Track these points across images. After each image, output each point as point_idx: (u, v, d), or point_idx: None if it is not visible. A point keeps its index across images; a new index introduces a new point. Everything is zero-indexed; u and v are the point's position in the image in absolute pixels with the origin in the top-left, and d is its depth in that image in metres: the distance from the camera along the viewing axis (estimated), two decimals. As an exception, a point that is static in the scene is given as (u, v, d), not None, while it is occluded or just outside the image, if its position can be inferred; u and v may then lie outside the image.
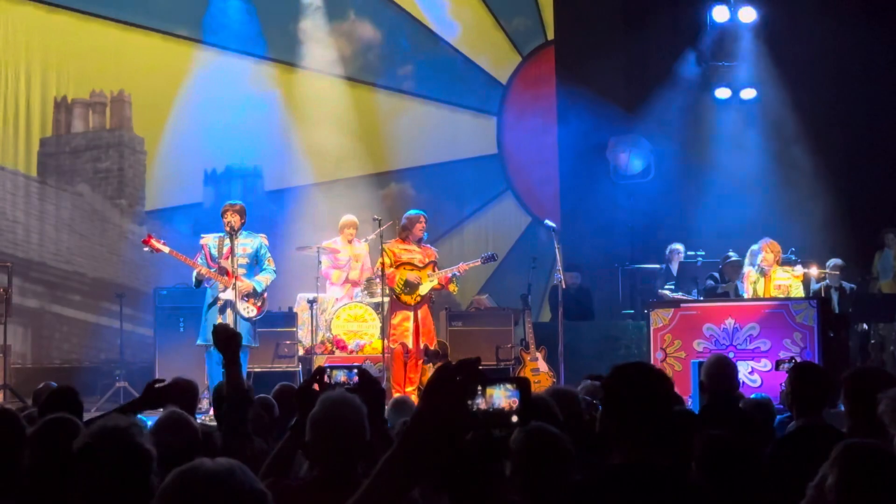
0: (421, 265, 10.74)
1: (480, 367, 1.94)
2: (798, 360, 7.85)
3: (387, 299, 10.72)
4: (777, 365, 8.35)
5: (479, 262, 11.12)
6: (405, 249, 10.76)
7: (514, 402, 1.92)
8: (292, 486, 3.56)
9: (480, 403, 1.91)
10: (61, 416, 3.99)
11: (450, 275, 10.81)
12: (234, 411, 4.29)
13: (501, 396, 1.91)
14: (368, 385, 3.88)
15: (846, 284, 13.19)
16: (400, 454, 1.88)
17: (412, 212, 11.03)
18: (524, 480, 3.42)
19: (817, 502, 3.60)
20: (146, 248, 10.03)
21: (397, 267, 10.63)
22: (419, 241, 10.85)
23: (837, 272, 12.91)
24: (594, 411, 4.67)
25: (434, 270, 10.75)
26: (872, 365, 8.26)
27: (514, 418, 1.91)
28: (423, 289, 10.68)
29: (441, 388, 1.90)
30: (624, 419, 3.21)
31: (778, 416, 6.10)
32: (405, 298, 10.65)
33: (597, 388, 5.25)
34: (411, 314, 10.67)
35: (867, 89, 15.03)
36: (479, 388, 1.91)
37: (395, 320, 10.69)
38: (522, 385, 1.92)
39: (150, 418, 5.01)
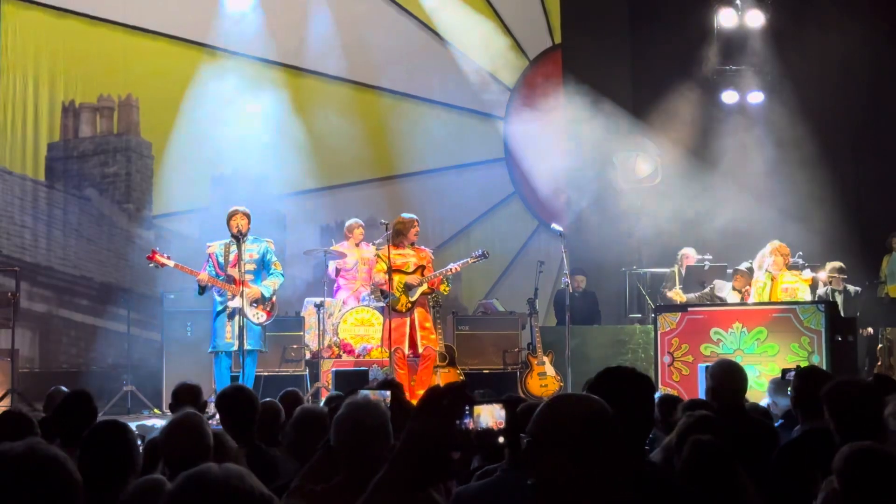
0: (411, 270, 10.73)
1: (468, 389, 1.99)
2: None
3: (385, 305, 10.74)
4: (783, 374, 8.35)
5: (470, 261, 11.00)
6: (399, 254, 10.76)
7: (501, 423, 1.96)
8: (317, 491, 3.57)
9: (468, 423, 1.95)
10: (113, 420, 4.06)
11: (440, 277, 10.78)
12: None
13: (489, 417, 1.95)
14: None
15: (851, 288, 13.17)
16: (391, 473, 1.92)
17: (404, 216, 10.97)
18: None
19: None
20: (151, 264, 10.08)
21: (392, 272, 10.64)
22: (412, 245, 10.85)
23: (841, 276, 12.90)
24: None
25: (423, 274, 10.72)
26: (848, 377, 8.24)
27: (501, 438, 1.96)
28: (413, 295, 10.67)
29: (430, 409, 1.93)
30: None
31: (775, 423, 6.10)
32: (396, 306, 10.66)
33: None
34: (406, 319, 10.69)
35: (875, 92, 15.03)
36: (467, 408, 1.95)
37: (393, 325, 10.72)
38: (509, 406, 1.96)
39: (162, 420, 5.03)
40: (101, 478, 3.81)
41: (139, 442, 4.24)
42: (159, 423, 8.16)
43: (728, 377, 5.49)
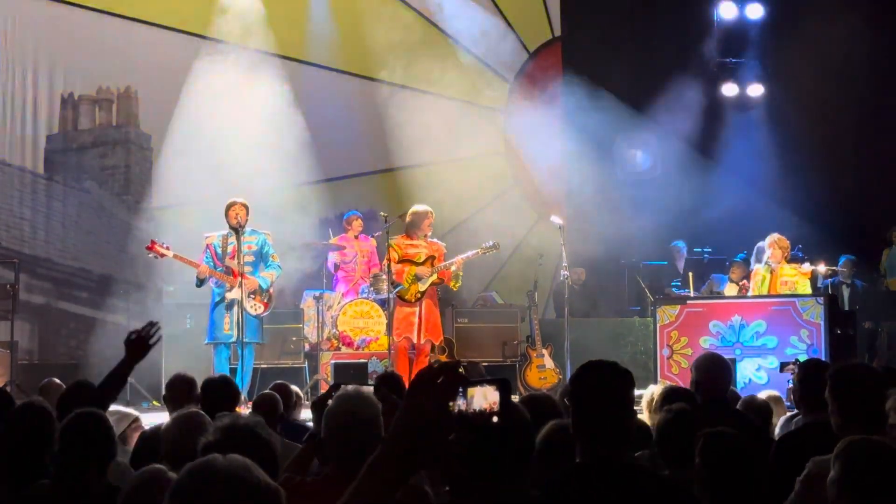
0: (422, 261, 10.68)
1: (462, 370, 1.98)
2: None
3: (393, 295, 10.70)
4: (782, 367, 8.37)
5: (480, 252, 10.91)
6: (410, 244, 10.71)
7: (495, 404, 1.95)
8: (305, 483, 3.58)
9: (462, 405, 1.94)
10: (90, 410, 4.06)
11: (452, 269, 10.69)
12: None
13: (482, 397, 1.94)
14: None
15: (858, 282, 13.18)
16: (384, 456, 1.91)
17: (418, 207, 10.89)
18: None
19: (806, 497, 3.61)
20: (150, 255, 10.05)
21: (402, 262, 10.60)
22: (426, 236, 10.80)
23: (850, 269, 12.93)
24: None
25: (433, 266, 10.68)
26: (855, 361, 8.28)
27: (495, 419, 1.95)
28: (423, 285, 10.62)
29: (423, 390, 1.93)
30: (586, 416, 3.22)
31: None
32: (405, 296, 10.61)
33: None
34: (415, 310, 10.64)
35: (874, 85, 15.02)
36: (461, 389, 1.94)
37: (399, 315, 10.67)
38: (503, 386, 1.96)
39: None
40: (77, 464, 3.86)
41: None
42: (124, 409, 8.12)
43: (711, 370, 5.48)
